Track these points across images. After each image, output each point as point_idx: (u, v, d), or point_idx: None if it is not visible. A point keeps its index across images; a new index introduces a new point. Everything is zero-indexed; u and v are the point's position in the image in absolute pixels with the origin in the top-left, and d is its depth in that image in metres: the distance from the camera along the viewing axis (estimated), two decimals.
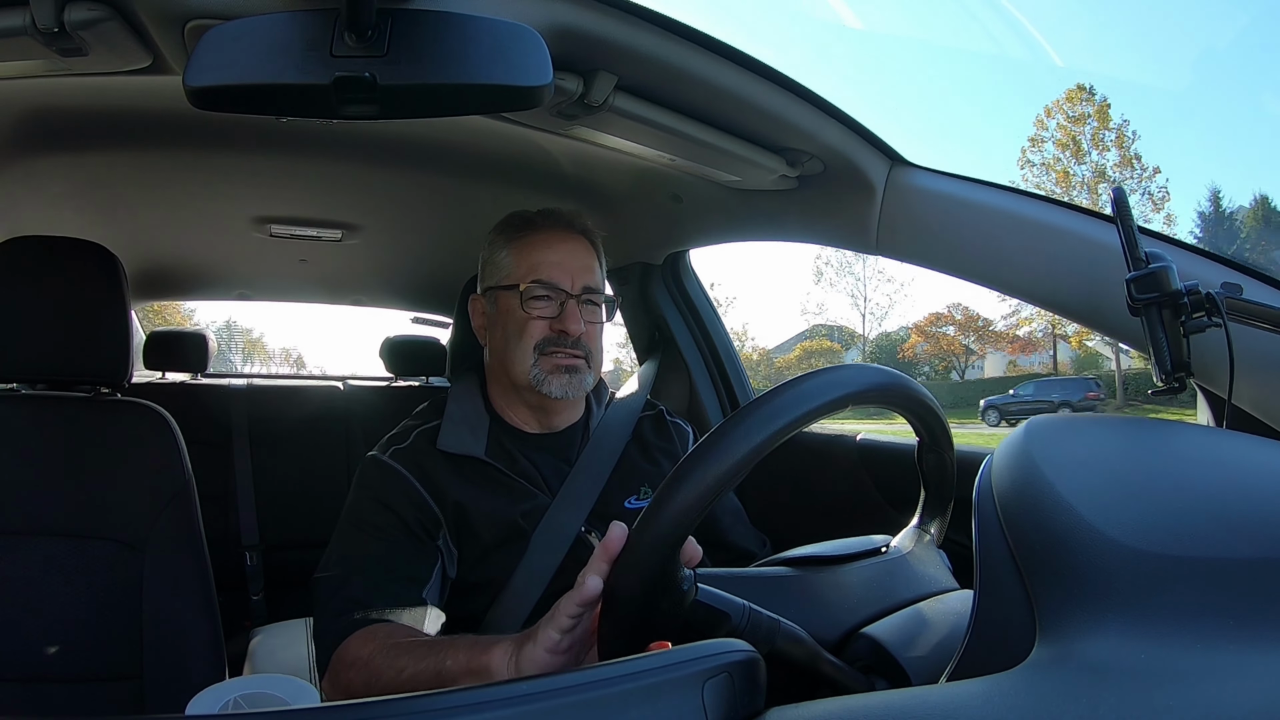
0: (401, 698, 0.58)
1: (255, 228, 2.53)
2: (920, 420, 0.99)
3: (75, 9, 0.98)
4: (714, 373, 2.44)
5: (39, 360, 1.60)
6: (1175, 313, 0.98)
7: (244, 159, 1.99)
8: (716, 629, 0.81)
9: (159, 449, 1.66)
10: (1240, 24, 41.57)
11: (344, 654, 1.22)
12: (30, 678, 1.51)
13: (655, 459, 1.60)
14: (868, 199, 1.53)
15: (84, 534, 1.56)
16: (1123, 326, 1.21)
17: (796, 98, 1.36)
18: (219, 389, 3.25)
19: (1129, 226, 1.02)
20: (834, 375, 0.85)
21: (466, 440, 1.47)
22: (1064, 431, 0.80)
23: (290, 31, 0.85)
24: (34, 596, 1.52)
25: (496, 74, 0.86)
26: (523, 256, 1.49)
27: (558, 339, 1.45)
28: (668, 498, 0.77)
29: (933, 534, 1.07)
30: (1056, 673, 0.57)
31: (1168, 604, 0.59)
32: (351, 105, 0.86)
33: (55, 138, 1.76)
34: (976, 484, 0.74)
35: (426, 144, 1.88)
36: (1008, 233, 1.37)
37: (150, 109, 1.64)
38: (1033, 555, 0.66)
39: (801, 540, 1.08)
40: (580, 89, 1.23)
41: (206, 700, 0.91)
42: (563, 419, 1.56)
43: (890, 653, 0.84)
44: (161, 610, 1.56)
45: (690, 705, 0.59)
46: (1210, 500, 0.69)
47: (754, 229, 1.93)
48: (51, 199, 2.13)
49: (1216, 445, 0.86)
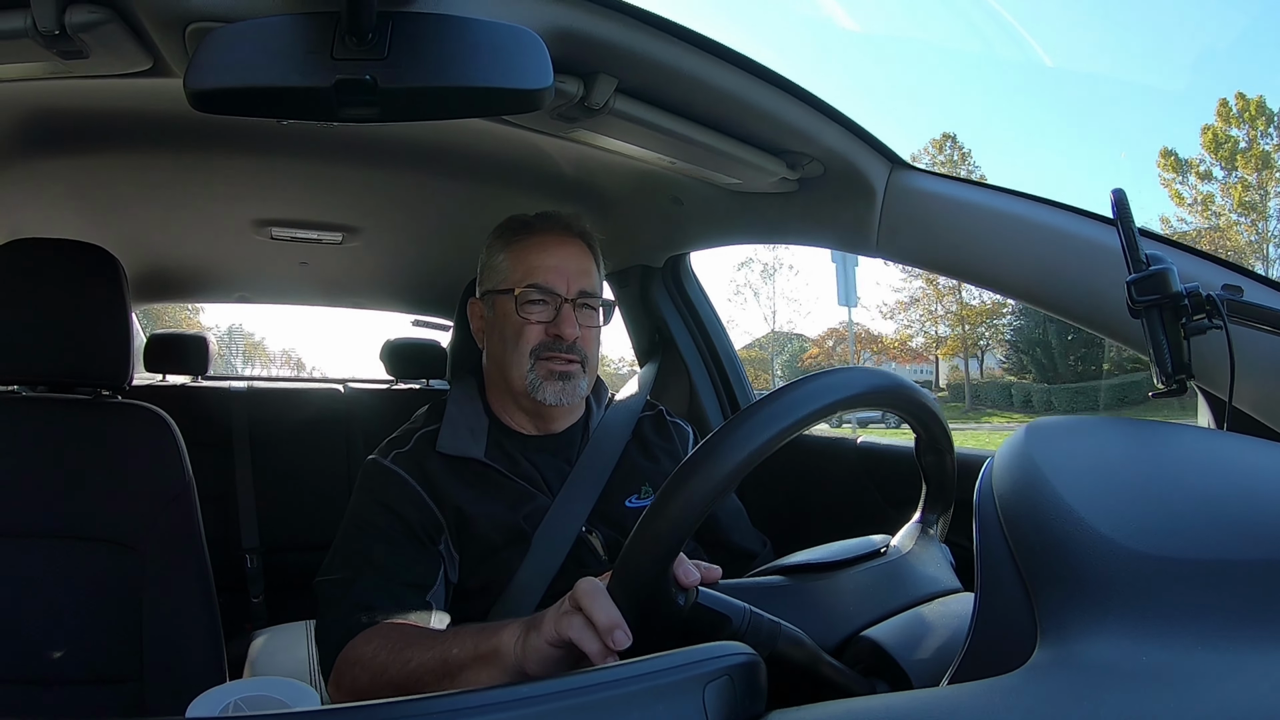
0: (404, 700, 0.59)
1: (256, 230, 2.52)
2: (920, 423, 0.98)
3: (76, 11, 0.98)
4: (714, 375, 2.44)
5: (40, 362, 1.60)
6: (1176, 314, 0.98)
7: (245, 161, 1.99)
8: (717, 632, 0.80)
9: (159, 451, 1.66)
10: (1240, 25, 41.62)
11: (349, 654, 1.22)
12: (30, 679, 1.51)
13: (656, 457, 1.60)
14: (868, 201, 1.53)
15: (84, 536, 1.56)
16: (1123, 328, 1.21)
17: (797, 100, 1.36)
18: (219, 391, 3.25)
19: (1129, 228, 1.02)
20: (834, 379, 0.85)
21: (466, 443, 1.47)
22: (1065, 434, 0.80)
23: (291, 34, 0.85)
24: (34, 598, 1.52)
25: (497, 77, 0.86)
26: (519, 260, 1.49)
27: (553, 343, 1.45)
28: (669, 499, 0.77)
29: (935, 529, 1.07)
30: (1058, 675, 0.57)
31: (1169, 606, 0.59)
32: (352, 108, 0.86)
33: (56, 140, 1.76)
34: (977, 486, 0.74)
35: (427, 147, 1.88)
36: (1008, 235, 1.37)
37: (151, 111, 1.64)
38: (1034, 557, 0.65)
39: (802, 543, 1.08)
40: (580, 92, 1.23)
41: (207, 703, 0.91)
42: (560, 422, 1.56)
43: (891, 655, 0.84)
44: (161, 612, 1.56)
45: (691, 708, 0.59)
46: (1211, 502, 0.69)
47: (754, 231, 1.94)
48: (52, 201, 2.13)
49: (1217, 447, 0.86)
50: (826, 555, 0.98)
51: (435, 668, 1.09)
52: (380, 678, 1.14)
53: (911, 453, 1.05)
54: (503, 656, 1.01)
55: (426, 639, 1.16)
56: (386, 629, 1.22)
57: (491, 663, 1.02)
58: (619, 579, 0.85)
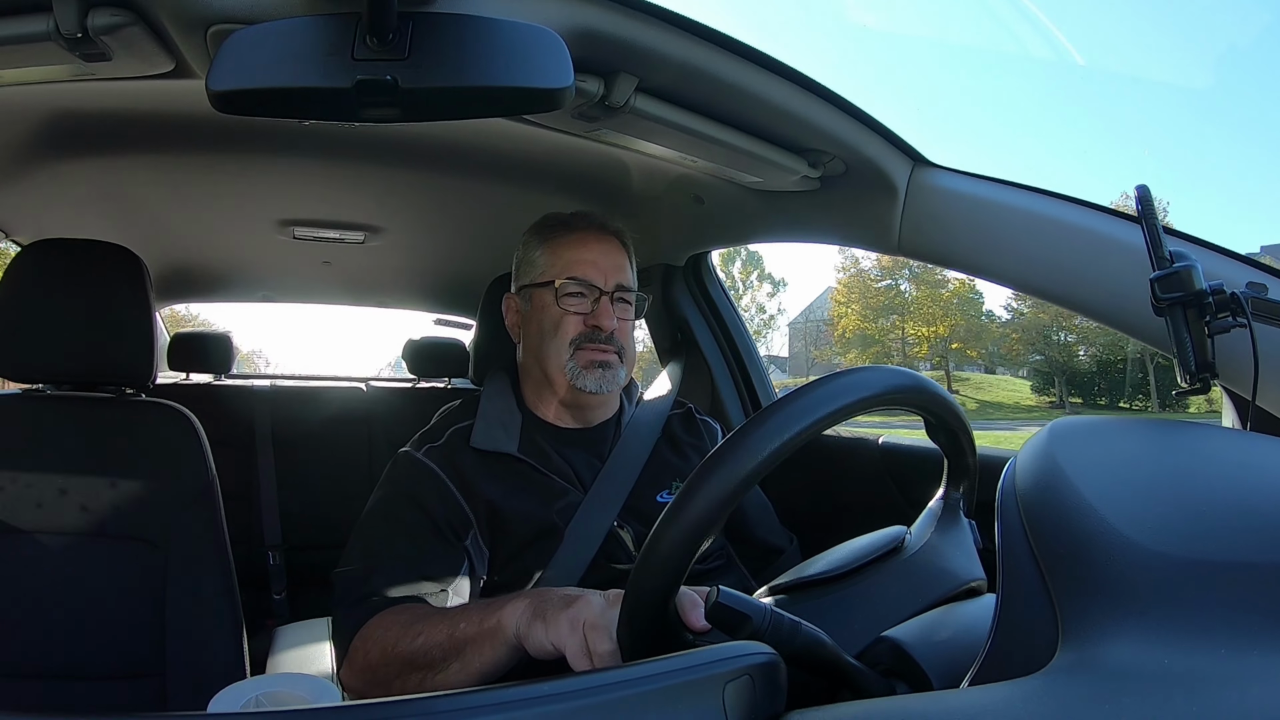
0: (420, 698, 0.59)
1: (278, 230, 2.54)
2: (941, 422, 0.98)
3: (98, 14, 0.98)
4: (736, 374, 2.44)
5: (64, 361, 1.62)
6: (1200, 313, 0.97)
7: (267, 162, 2.01)
8: (737, 631, 0.80)
9: (183, 449, 1.67)
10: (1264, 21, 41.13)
11: (362, 633, 1.24)
12: (53, 674, 1.52)
13: (686, 454, 1.62)
14: (890, 199, 1.53)
15: (108, 533, 1.58)
16: (1146, 326, 1.20)
17: (817, 98, 1.35)
18: (242, 390, 3.28)
19: (1153, 226, 1.01)
20: (854, 378, 0.84)
21: (500, 437, 1.49)
22: (1088, 434, 0.80)
23: (312, 35, 0.85)
24: (57, 594, 1.54)
25: (517, 77, 0.86)
26: (557, 255, 1.52)
27: (592, 334, 1.48)
28: (693, 493, 0.77)
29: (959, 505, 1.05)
30: (1080, 678, 0.57)
31: (1192, 608, 0.59)
32: (373, 108, 0.86)
33: (80, 142, 1.78)
34: (1000, 486, 0.74)
35: (448, 146, 1.89)
36: (1031, 233, 1.36)
37: (173, 113, 1.65)
38: (1056, 558, 0.65)
39: (827, 540, 1.07)
40: (601, 91, 1.22)
41: (228, 698, 0.91)
42: (597, 414, 1.58)
43: (912, 656, 0.84)
44: (184, 608, 1.58)
45: (711, 707, 0.59)
46: (1235, 503, 0.68)
47: (776, 230, 1.93)
48: (76, 202, 2.15)
49: (1241, 447, 0.85)
50: (843, 559, 0.97)
51: (443, 641, 1.12)
52: (390, 652, 1.16)
53: (932, 452, 1.04)
54: (504, 631, 1.06)
55: (437, 615, 1.19)
56: (399, 610, 1.24)
57: (495, 637, 1.07)
58: (624, 613, 0.85)
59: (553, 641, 0.99)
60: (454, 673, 1.10)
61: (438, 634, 1.13)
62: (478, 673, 1.08)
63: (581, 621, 0.97)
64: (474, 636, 1.09)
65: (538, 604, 1.05)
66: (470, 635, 1.09)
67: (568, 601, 1.01)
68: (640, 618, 0.82)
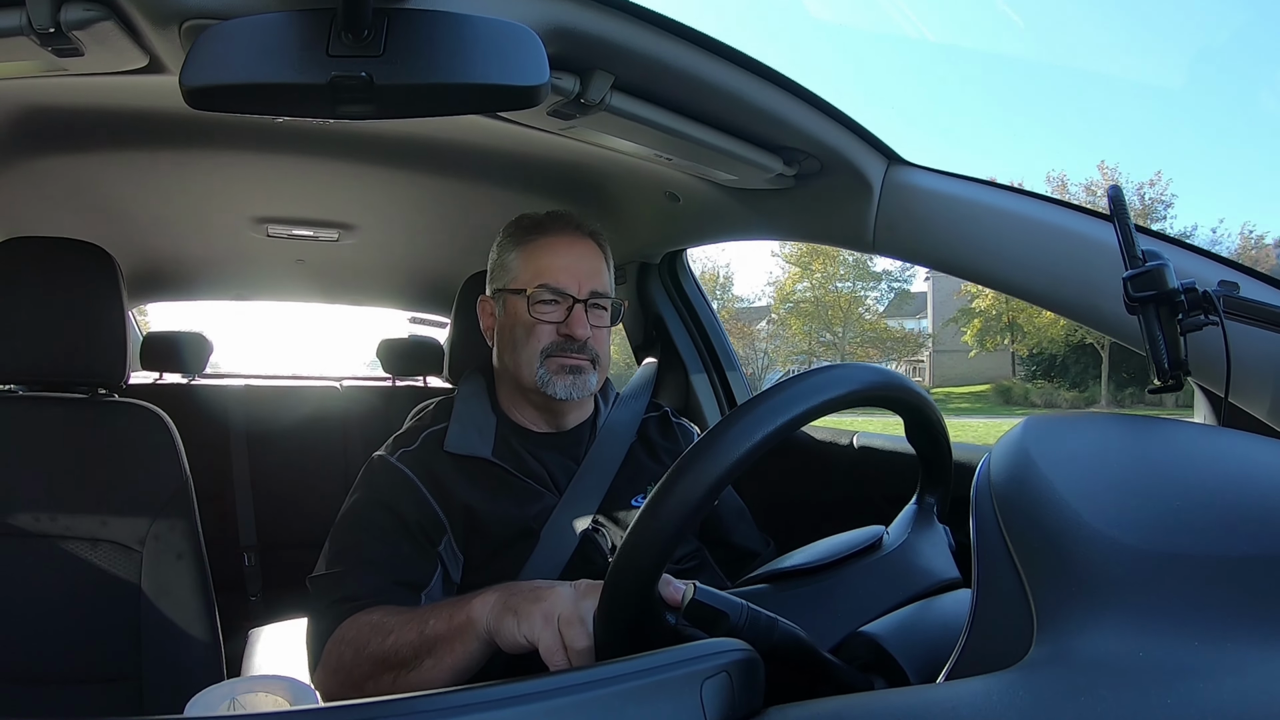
0: (401, 698, 0.59)
1: (252, 228, 2.52)
2: (917, 418, 0.98)
3: (71, 9, 0.97)
4: (711, 371, 2.45)
5: (36, 361, 1.60)
6: (1172, 311, 0.98)
7: (241, 159, 1.99)
8: (715, 628, 0.80)
9: (157, 450, 1.66)
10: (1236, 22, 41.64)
11: (335, 636, 1.23)
12: (29, 678, 1.51)
13: (661, 459, 1.60)
14: (865, 198, 1.53)
15: (82, 535, 1.56)
16: (1119, 324, 1.21)
17: (793, 96, 1.36)
18: (216, 390, 3.25)
19: (1126, 225, 1.02)
20: (830, 375, 0.84)
21: (474, 441, 1.47)
22: (1061, 429, 0.80)
23: (286, 31, 0.85)
24: (32, 597, 1.52)
25: (493, 73, 0.86)
26: (530, 260, 1.49)
27: (565, 343, 1.45)
28: (668, 492, 0.77)
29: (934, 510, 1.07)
30: (1055, 671, 0.57)
31: (1166, 601, 0.59)
32: (348, 105, 0.86)
33: (52, 138, 1.76)
34: (974, 481, 0.74)
35: (423, 144, 1.88)
36: (1005, 231, 1.37)
37: (147, 109, 1.63)
38: (1030, 553, 0.66)
39: (803, 541, 1.08)
40: (577, 88, 1.22)
41: (205, 701, 0.90)
42: (571, 418, 1.56)
43: (888, 651, 0.84)
44: (160, 611, 1.56)
45: (689, 704, 0.59)
46: (1208, 497, 0.69)
47: (751, 228, 1.93)
48: (48, 199, 2.12)
49: (1214, 443, 0.86)
50: (822, 553, 0.98)
51: (414, 640, 1.12)
52: (363, 652, 1.16)
53: (908, 450, 1.05)
54: (474, 626, 1.06)
55: (407, 614, 1.18)
56: (371, 611, 1.23)
57: (465, 632, 1.07)
58: (604, 603, 0.85)
59: (525, 636, 0.99)
60: (427, 670, 1.09)
61: (409, 633, 1.12)
62: (450, 669, 1.08)
63: (556, 616, 0.97)
64: (444, 633, 1.09)
65: (507, 598, 1.05)
66: (440, 632, 1.09)
67: (539, 595, 1.01)
68: (620, 603, 0.82)
